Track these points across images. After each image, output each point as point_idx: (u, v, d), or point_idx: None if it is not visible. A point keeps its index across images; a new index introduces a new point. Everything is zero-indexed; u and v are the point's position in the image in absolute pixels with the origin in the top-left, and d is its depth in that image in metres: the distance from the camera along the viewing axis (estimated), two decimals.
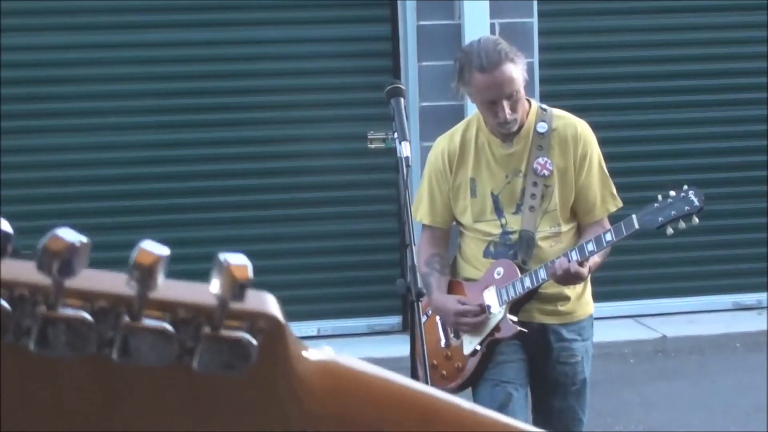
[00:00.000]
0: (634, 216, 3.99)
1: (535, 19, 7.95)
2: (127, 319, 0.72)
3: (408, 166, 3.72)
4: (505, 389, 4.09)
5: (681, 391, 6.86)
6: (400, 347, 6.35)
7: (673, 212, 3.98)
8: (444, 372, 4.22)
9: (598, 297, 4.36)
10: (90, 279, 0.74)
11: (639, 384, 6.98)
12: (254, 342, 0.74)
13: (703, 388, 6.90)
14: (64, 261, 0.71)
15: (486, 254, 4.15)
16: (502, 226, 4.12)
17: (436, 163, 4.21)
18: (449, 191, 4.19)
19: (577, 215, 4.18)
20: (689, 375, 7.16)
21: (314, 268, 8.02)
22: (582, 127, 4.17)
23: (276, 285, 8.06)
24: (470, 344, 4.16)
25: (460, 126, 4.25)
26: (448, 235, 4.34)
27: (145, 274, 0.72)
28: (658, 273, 8.30)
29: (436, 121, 7.36)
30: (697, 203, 3.99)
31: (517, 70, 3.96)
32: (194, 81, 7.91)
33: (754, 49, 8.35)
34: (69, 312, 0.71)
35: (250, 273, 0.75)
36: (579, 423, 4.24)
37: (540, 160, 4.09)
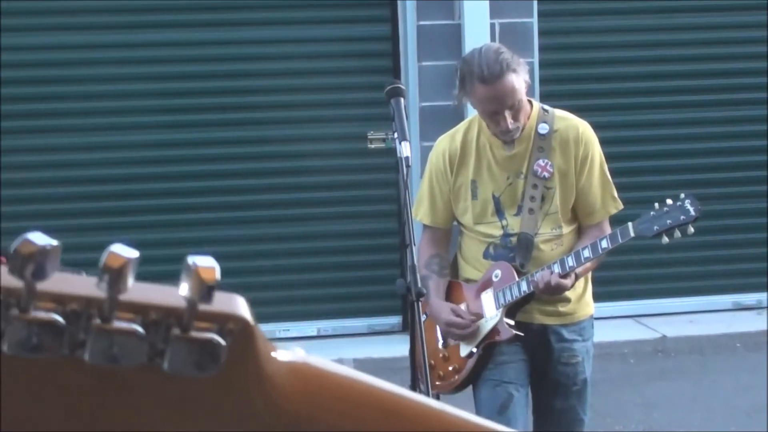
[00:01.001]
0: (630, 224, 3.98)
1: (535, 19, 7.95)
2: (98, 321, 0.73)
3: (408, 166, 3.72)
4: (506, 389, 4.09)
5: (681, 391, 6.86)
6: (400, 347, 6.35)
7: (668, 221, 3.96)
8: (441, 372, 4.22)
9: (598, 297, 4.36)
10: (61, 282, 0.75)
11: (639, 384, 6.98)
12: (223, 343, 0.75)
13: (703, 388, 6.90)
14: (36, 264, 0.72)
15: (486, 256, 4.15)
16: (503, 227, 4.12)
17: (437, 164, 4.20)
18: (450, 192, 4.19)
19: (578, 217, 4.17)
20: (689, 375, 7.16)
21: (314, 268, 8.02)
22: (584, 128, 4.15)
23: (276, 285, 8.10)
24: (467, 346, 4.16)
25: (461, 126, 4.24)
26: (448, 235, 4.34)
27: (114, 277, 0.73)
28: (658, 273, 8.30)
29: (436, 121, 7.36)
30: (692, 213, 3.97)
31: (519, 80, 3.94)
32: (194, 81, 7.91)
33: (754, 49, 8.35)
34: (41, 314, 0.72)
35: (218, 275, 0.75)
36: (580, 423, 4.24)
37: (540, 162, 4.08)
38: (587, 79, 8.24)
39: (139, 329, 0.73)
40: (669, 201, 4.00)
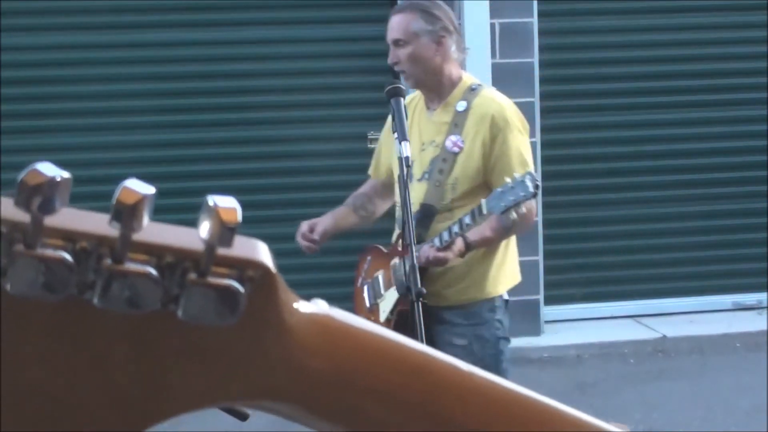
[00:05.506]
0: (483, 200, 3.93)
1: (535, 19, 7.95)
2: (109, 261, 0.69)
3: (408, 165, 3.72)
4: None
5: (681, 391, 6.86)
6: None
7: (511, 198, 3.90)
8: None
9: (597, 297, 4.36)
10: (71, 218, 0.70)
11: (639, 384, 6.97)
12: (242, 290, 0.71)
13: (703, 388, 6.90)
14: (44, 197, 0.67)
15: (397, 218, 4.25)
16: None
17: (388, 121, 4.27)
18: (390, 149, 4.27)
19: (481, 196, 4.16)
20: (689, 375, 7.16)
21: (314, 268, 8.02)
22: (501, 109, 4.12)
23: None
24: (383, 312, 4.24)
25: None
26: (384, 187, 4.46)
27: (128, 214, 0.68)
28: (658, 273, 8.30)
29: None
30: (531, 189, 3.88)
31: (415, 23, 4.14)
32: (194, 81, 7.91)
33: (754, 49, 8.35)
34: (48, 252, 0.67)
35: (239, 216, 0.71)
36: None
37: (452, 137, 4.12)
38: (587, 79, 8.24)
39: (153, 272, 0.69)
40: (511, 179, 3.92)
